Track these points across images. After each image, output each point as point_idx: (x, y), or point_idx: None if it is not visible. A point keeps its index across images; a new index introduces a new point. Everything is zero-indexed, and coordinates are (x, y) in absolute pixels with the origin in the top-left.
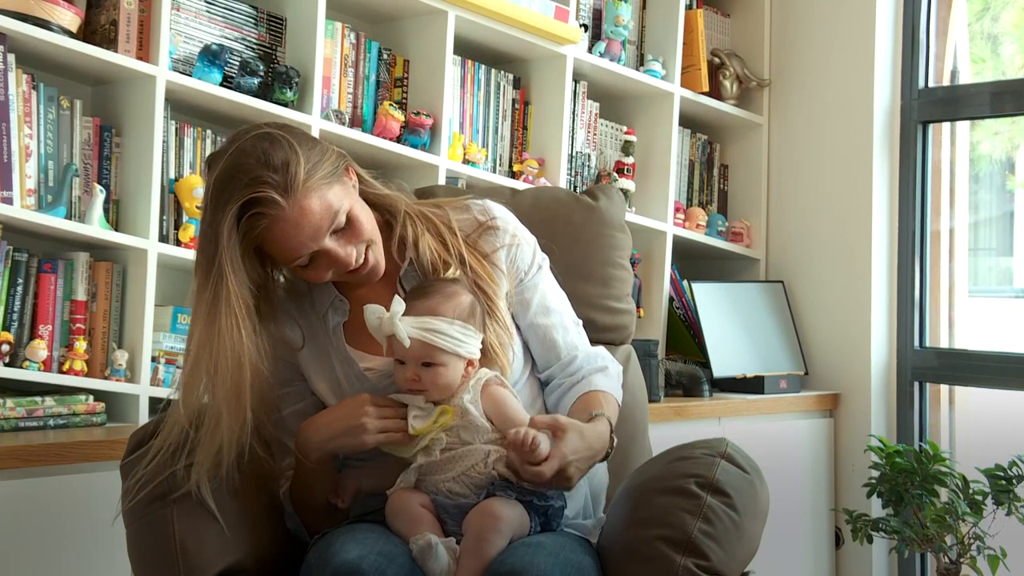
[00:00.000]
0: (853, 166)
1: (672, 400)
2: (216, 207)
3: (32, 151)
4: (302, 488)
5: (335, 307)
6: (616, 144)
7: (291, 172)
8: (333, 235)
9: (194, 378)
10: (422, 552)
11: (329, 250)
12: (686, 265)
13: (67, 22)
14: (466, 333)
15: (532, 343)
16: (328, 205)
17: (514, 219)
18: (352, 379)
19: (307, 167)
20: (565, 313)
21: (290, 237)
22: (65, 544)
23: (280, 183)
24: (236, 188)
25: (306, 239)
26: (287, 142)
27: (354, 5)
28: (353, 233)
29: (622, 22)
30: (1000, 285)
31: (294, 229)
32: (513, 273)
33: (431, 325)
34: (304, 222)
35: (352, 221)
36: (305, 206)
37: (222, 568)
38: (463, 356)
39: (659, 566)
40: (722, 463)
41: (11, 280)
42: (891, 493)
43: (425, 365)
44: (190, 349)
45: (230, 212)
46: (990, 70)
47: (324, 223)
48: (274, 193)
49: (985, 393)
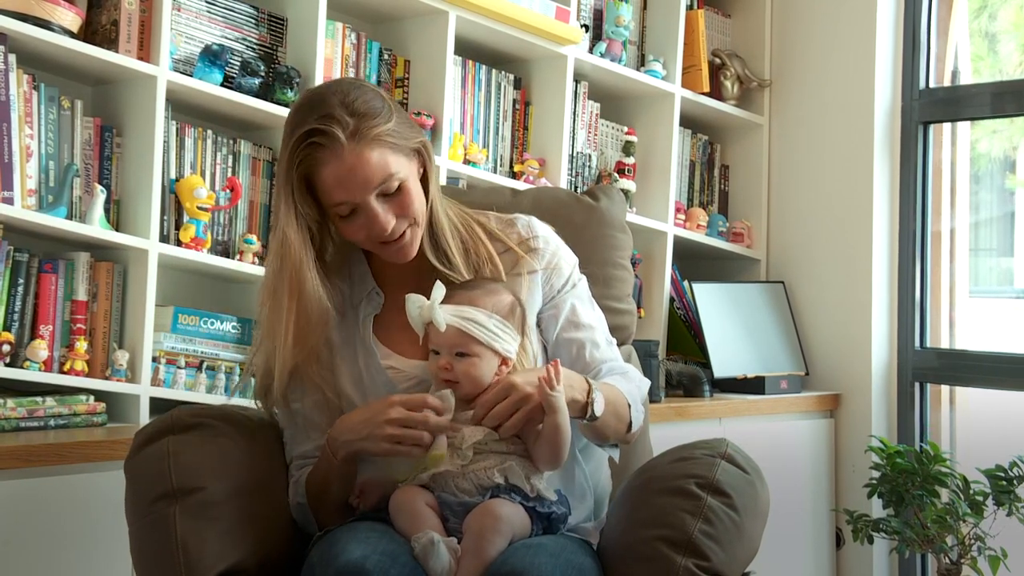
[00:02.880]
0: (854, 166)
1: (673, 400)
2: (291, 131)
3: (33, 151)
4: (321, 483)
5: (370, 299)
6: (617, 144)
7: (365, 120)
8: (380, 197)
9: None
10: (424, 549)
11: (372, 208)
12: (687, 265)
13: (68, 22)
14: (503, 329)
15: (563, 359)
16: (386, 164)
17: (556, 239)
18: (373, 372)
19: (383, 124)
20: (597, 330)
21: (340, 179)
22: (66, 544)
23: (350, 125)
24: (309, 117)
25: (353, 187)
26: (379, 96)
27: (355, 5)
28: (400, 203)
29: (623, 22)
30: (1001, 285)
31: (347, 173)
32: (547, 292)
33: (468, 314)
34: (358, 170)
35: (403, 191)
36: (364, 155)
37: (223, 568)
38: (498, 351)
39: (660, 567)
40: (722, 463)
41: (12, 280)
42: (892, 493)
43: (459, 355)
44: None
45: (296, 136)
46: (988, 68)
47: (376, 178)
48: (339, 132)
49: (986, 394)
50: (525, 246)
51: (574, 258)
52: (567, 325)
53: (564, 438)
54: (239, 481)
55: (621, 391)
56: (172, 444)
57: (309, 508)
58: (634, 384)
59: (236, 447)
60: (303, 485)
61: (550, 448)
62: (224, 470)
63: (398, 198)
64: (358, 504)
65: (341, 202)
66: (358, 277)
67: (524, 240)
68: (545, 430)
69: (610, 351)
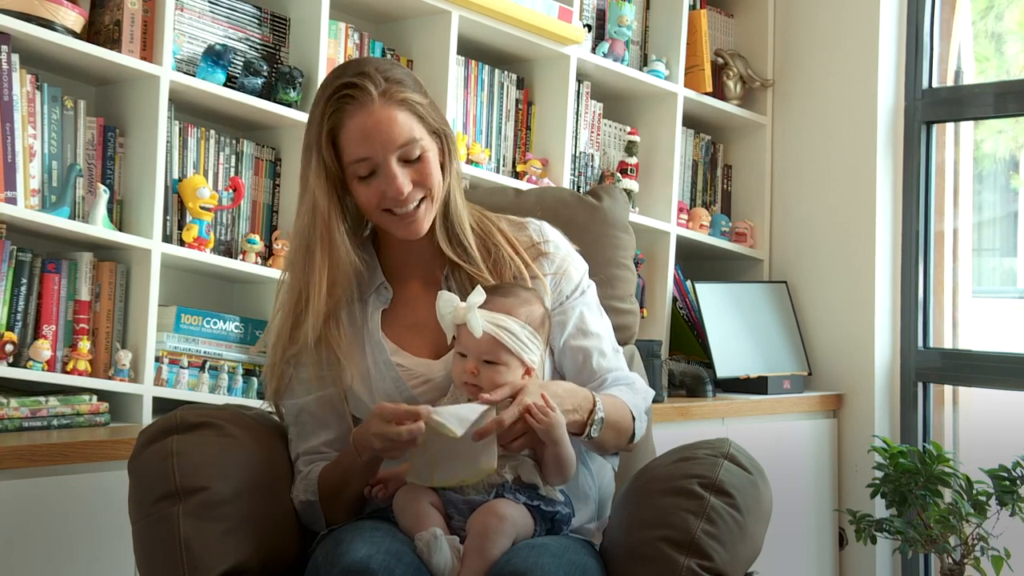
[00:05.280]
0: (857, 166)
1: (675, 400)
2: (325, 88)
3: (36, 151)
4: (340, 479)
5: (379, 293)
6: (619, 144)
7: (397, 85)
8: (401, 162)
9: (293, 240)
10: (427, 545)
11: (391, 168)
12: (689, 265)
13: (71, 22)
14: (533, 340)
15: (568, 366)
16: (411, 127)
17: (566, 244)
18: (382, 368)
19: (414, 93)
20: (604, 339)
21: (365, 132)
22: (69, 544)
23: (382, 85)
24: (344, 74)
25: (377, 143)
26: (412, 76)
27: (357, 5)
28: (419, 171)
29: (625, 22)
30: (1004, 285)
31: (373, 126)
32: (555, 298)
33: (504, 323)
34: (383, 125)
35: (423, 161)
36: (392, 113)
37: (227, 567)
38: (524, 362)
39: (662, 567)
40: (725, 463)
41: (15, 280)
42: (895, 494)
43: (487, 362)
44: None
45: (331, 90)
46: (994, 69)
47: (400, 138)
48: (372, 87)
49: (989, 394)
50: (536, 250)
51: (584, 265)
52: (575, 332)
53: (567, 465)
54: (242, 481)
55: (626, 403)
56: (175, 444)
57: (320, 503)
58: (639, 395)
59: (239, 447)
60: (314, 482)
61: (557, 471)
62: (227, 470)
63: (417, 166)
64: (372, 493)
65: (363, 158)
66: (367, 270)
67: (535, 244)
68: (547, 459)
69: (616, 360)
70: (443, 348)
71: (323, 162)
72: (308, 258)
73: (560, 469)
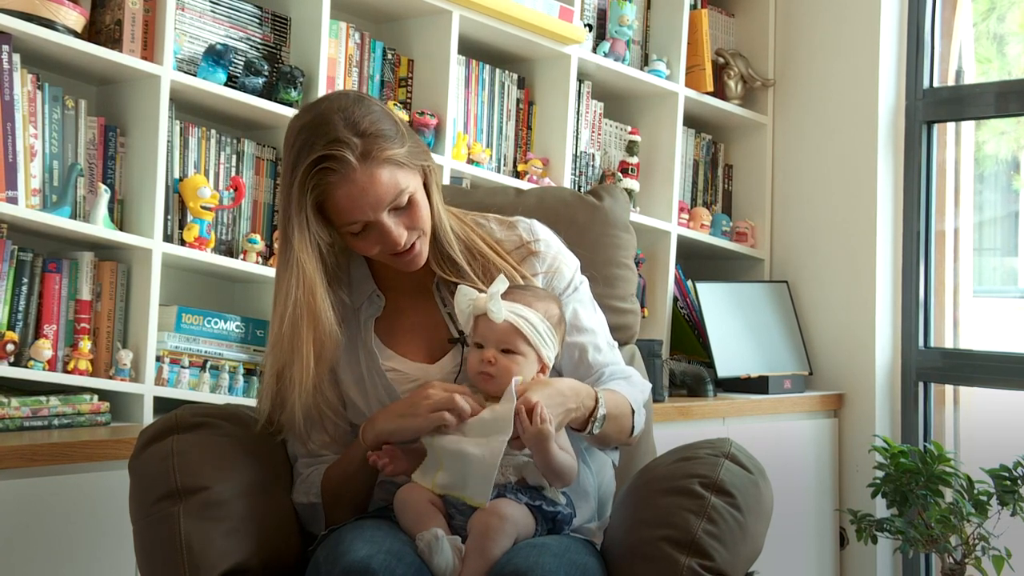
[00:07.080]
0: (857, 166)
1: (676, 400)
2: (297, 158)
3: (37, 151)
4: (342, 477)
5: (371, 301)
6: (620, 144)
7: (374, 141)
8: (391, 212)
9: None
10: (428, 546)
11: (384, 224)
12: (690, 265)
13: (72, 22)
14: (550, 336)
15: (564, 362)
16: (396, 182)
17: (557, 242)
18: (374, 375)
19: (394, 148)
20: (599, 334)
21: (353, 200)
22: (70, 544)
23: (359, 147)
24: (316, 143)
25: (366, 207)
26: (383, 114)
27: (358, 5)
28: (410, 217)
29: (626, 22)
30: (1005, 285)
31: (359, 193)
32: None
33: (524, 313)
34: (370, 190)
35: (412, 205)
36: (376, 176)
37: (227, 567)
38: (541, 356)
39: (663, 566)
40: (726, 463)
41: (16, 280)
42: (895, 493)
43: (504, 352)
44: (275, 295)
45: (305, 164)
46: (996, 70)
47: (387, 196)
48: (349, 155)
49: (989, 393)
50: (527, 249)
51: (575, 261)
52: (570, 329)
53: (560, 473)
54: (243, 480)
55: (626, 397)
56: (176, 443)
57: (323, 504)
58: (637, 389)
59: (240, 446)
60: (315, 484)
61: (555, 477)
62: (228, 469)
63: (408, 211)
64: (376, 462)
65: (354, 221)
66: (357, 279)
67: (525, 243)
68: (542, 469)
69: (612, 354)
70: (438, 352)
71: (308, 233)
72: (294, 337)
73: (552, 476)
